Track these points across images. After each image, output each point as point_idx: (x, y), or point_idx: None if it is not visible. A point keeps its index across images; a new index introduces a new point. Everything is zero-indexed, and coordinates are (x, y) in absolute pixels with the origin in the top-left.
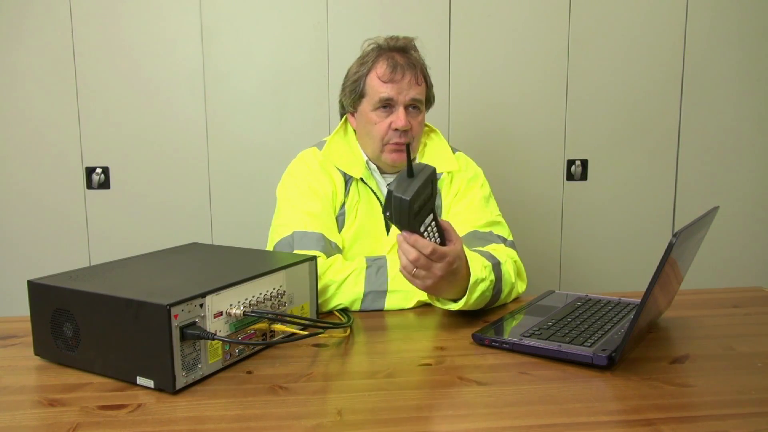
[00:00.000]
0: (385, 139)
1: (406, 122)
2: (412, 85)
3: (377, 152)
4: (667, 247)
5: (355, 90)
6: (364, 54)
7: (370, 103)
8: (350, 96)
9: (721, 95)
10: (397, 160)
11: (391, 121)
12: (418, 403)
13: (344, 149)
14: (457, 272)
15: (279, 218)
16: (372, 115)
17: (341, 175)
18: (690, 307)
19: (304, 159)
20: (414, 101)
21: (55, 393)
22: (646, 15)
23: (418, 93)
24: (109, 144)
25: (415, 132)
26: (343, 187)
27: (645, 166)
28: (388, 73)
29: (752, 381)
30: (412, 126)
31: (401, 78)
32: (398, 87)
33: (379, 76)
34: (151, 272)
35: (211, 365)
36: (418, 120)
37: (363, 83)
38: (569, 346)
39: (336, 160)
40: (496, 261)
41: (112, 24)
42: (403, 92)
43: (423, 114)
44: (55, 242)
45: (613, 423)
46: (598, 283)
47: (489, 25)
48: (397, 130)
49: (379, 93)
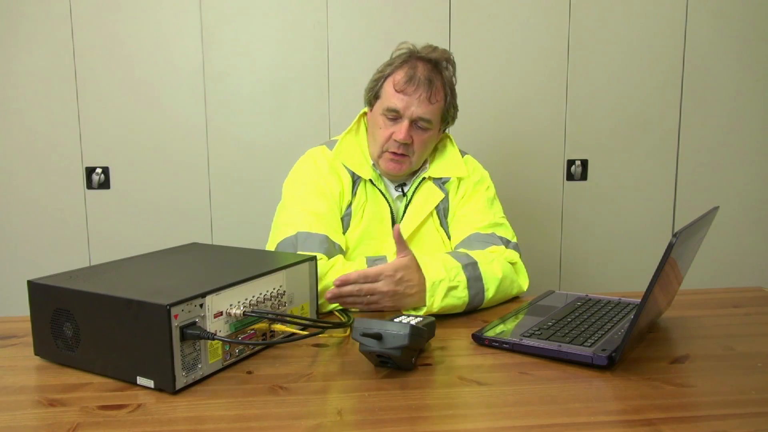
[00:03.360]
0: (384, 147)
1: (406, 136)
2: (423, 103)
3: (375, 157)
4: (667, 247)
5: (373, 89)
6: (393, 56)
7: (381, 107)
8: (368, 93)
9: (721, 95)
10: (391, 169)
11: (393, 131)
12: (418, 403)
13: (355, 149)
14: (407, 281)
15: (283, 216)
16: (379, 118)
17: (349, 175)
18: (690, 307)
19: (312, 157)
20: (420, 119)
21: (55, 393)
22: (646, 15)
23: (426, 112)
24: (109, 144)
25: (417, 147)
26: (350, 187)
27: (645, 166)
28: (403, 83)
29: (752, 381)
30: (413, 141)
31: (413, 92)
32: (408, 100)
33: (394, 83)
34: (151, 272)
35: (211, 365)
36: (422, 138)
37: (381, 85)
38: (569, 346)
39: (346, 160)
40: (470, 261)
41: (112, 24)
42: (411, 107)
43: (430, 132)
44: (55, 242)
45: (613, 423)
46: (598, 283)
47: (489, 25)
48: (397, 142)
49: (389, 101)
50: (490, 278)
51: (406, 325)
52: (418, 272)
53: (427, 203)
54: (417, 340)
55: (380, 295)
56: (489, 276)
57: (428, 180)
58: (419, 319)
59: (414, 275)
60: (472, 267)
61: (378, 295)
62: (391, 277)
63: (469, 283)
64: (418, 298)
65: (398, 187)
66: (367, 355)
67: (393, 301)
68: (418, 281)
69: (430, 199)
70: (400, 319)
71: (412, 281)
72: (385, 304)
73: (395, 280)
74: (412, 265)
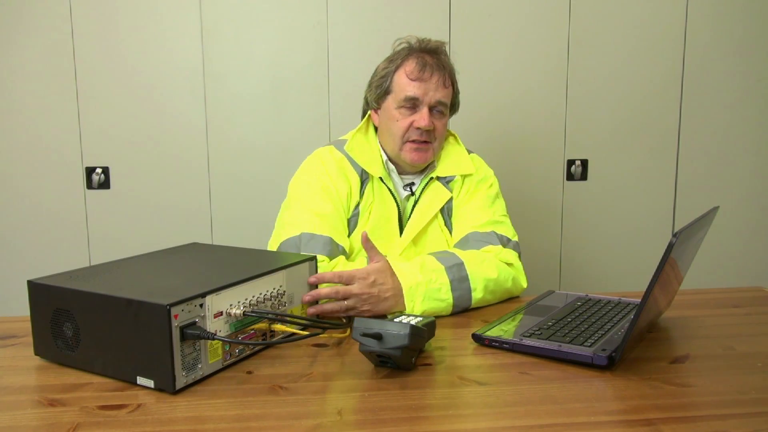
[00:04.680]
0: (405, 137)
1: (429, 122)
2: (439, 87)
3: (396, 150)
4: (667, 247)
5: (382, 86)
6: (394, 52)
7: (395, 100)
8: (376, 92)
9: (721, 95)
10: (417, 159)
11: (414, 119)
12: (418, 403)
13: (365, 147)
14: (381, 284)
15: (287, 215)
16: (395, 112)
17: (357, 176)
18: (690, 307)
19: (320, 157)
20: (439, 103)
21: (55, 393)
22: (646, 15)
23: (444, 96)
24: (109, 144)
25: (438, 134)
26: (358, 188)
27: (645, 166)
28: (417, 71)
29: (752, 381)
30: (435, 127)
31: (429, 78)
32: (425, 86)
33: (407, 73)
34: (151, 272)
35: (211, 365)
36: (441, 122)
37: (390, 79)
38: (569, 346)
39: (358, 157)
40: (456, 262)
41: (112, 24)
42: (429, 93)
43: (446, 118)
44: (55, 242)
45: (613, 423)
46: (598, 283)
47: (489, 25)
48: (419, 129)
49: (406, 91)
50: (478, 278)
51: (406, 325)
52: (392, 276)
53: (434, 203)
54: (417, 340)
55: (356, 298)
56: (477, 276)
57: (435, 180)
58: (419, 319)
59: (388, 279)
60: (458, 268)
61: (354, 298)
62: (364, 279)
63: (453, 285)
64: (394, 302)
65: (406, 187)
66: (367, 355)
67: (369, 305)
68: (393, 285)
69: (437, 199)
70: (400, 319)
71: (386, 284)
72: (363, 309)
73: (368, 282)
74: (385, 269)
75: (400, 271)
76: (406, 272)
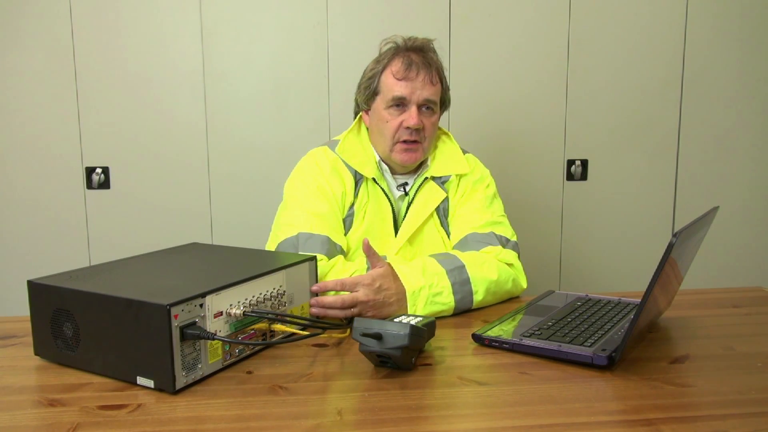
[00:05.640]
0: (395, 137)
1: (418, 121)
2: (426, 85)
3: (387, 151)
4: (667, 247)
5: (370, 87)
6: (381, 52)
7: (384, 101)
8: (365, 93)
9: (721, 95)
10: (407, 160)
11: (403, 119)
12: (418, 403)
13: (358, 148)
14: (385, 289)
15: (284, 216)
16: (384, 113)
17: (351, 176)
18: (690, 307)
19: (314, 157)
20: (427, 101)
21: (55, 393)
22: (646, 15)
23: (432, 94)
24: (109, 144)
25: (428, 132)
26: (353, 188)
27: (645, 166)
28: (403, 70)
29: (752, 381)
30: (424, 126)
31: (415, 76)
32: (412, 85)
33: (393, 73)
34: (151, 272)
35: (211, 365)
36: (431, 120)
37: (378, 80)
38: (569, 346)
39: (350, 158)
40: (457, 265)
41: (112, 24)
42: (416, 91)
43: (437, 115)
44: (55, 242)
45: (613, 423)
46: (598, 283)
47: (489, 25)
48: (409, 129)
49: (393, 91)
50: (479, 281)
51: (406, 325)
52: (396, 281)
53: (429, 203)
54: (417, 340)
55: (362, 305)
56: (477, 278)
57: (429, 180)
58: (419, 319)
59: (392, 284)
60: (459, 271)
61: (360, 305)
62: (369, 285)
63: (455, 288)
64: (398, 306)
65: (400, 187)
66: (367, 355)
67: (374, 311)
68: (397, 289)
69: (431, 199)
70: (400, 319)
71: (390, 289)
72: (368, 312)
73: (374, 288)
74: (389, 274)
75: (403, 274)
76: (408, 276)
